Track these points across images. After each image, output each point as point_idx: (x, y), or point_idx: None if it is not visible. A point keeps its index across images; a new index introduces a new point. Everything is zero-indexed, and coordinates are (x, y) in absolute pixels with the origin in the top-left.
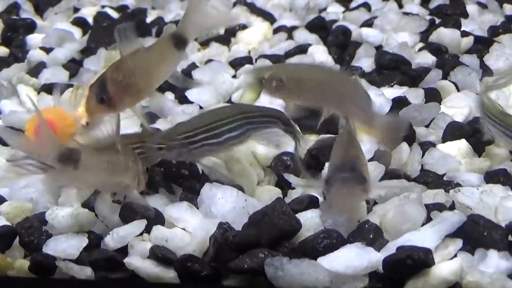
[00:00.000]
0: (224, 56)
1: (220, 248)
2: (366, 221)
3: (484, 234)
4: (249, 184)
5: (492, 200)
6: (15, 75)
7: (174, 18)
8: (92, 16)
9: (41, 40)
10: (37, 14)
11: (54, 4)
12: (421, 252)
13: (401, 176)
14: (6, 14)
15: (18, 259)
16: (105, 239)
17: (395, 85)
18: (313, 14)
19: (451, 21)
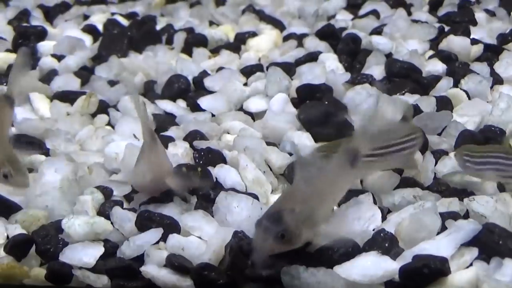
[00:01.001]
0: (235, 64)
1: (236, 256)
2: (381, 230)
3: (500, 242)
4: (264, 192)
5: (506, 209)
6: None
7: (183, 26)
8: (102, 23)
9: (52, 47)
10: (47, 21)
11: (64, 11)
12: (437, 261)
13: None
14: (17, 21)
15: (34, 268)
16: (122, 248)
17: (406, 93)
18: (322, 21)
19: (461, 28)
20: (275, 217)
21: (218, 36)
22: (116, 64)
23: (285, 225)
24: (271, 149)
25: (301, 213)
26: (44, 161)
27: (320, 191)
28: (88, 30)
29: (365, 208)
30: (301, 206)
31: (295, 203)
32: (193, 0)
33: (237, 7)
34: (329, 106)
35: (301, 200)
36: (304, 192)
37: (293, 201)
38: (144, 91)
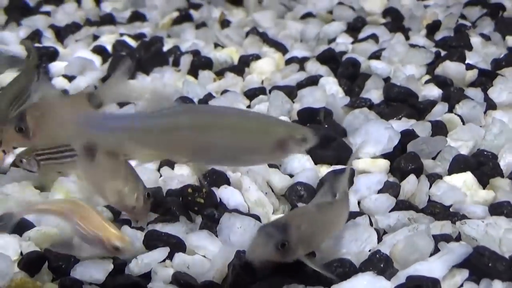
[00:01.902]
0: (239, 86)
1: (239, 275)
2: (377, 251)
3: (489, 265)
4: (265, 213)
5: (496, 232)
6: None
7: (190, 48)
8: (111, 44)
9: (63, 68)
10: (58, 41)
11: (74, 32)
12: (429, 282)
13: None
14: (29, 41)
15: (47, 283)
16: (130, 265)
17: (403, 117)
18: (323, 44)
19: (456, 53)
20: (282, 226)
21: (223, 59)
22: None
23: (289, 237)
24: (273, 171)
25: (304, 232)
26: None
27: (327, 219)
28: (98, 51)
29: (362, 229)
30: (307, 226)
31: (302, 222)
32: (199, 22)
33: (241, 30)
34: (329, 129)
35: (308, 221)
36: (313, 215)
37: (301, 219)
38: None
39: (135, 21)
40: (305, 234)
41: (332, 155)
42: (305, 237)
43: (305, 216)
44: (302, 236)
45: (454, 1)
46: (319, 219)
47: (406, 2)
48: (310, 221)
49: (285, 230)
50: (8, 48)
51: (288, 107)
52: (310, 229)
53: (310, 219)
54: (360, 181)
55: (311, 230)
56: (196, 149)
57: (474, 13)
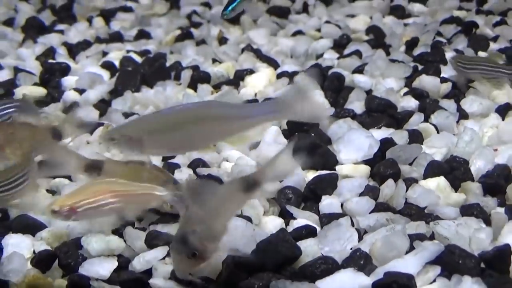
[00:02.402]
0: (234, 98)
1: (232, 271)
2: (357, 249)
3: (459, 262)
4: (256, 214)
5: (466, 232)
6: (52, 113)
7: (190, 63)
8: (119, 59)
9: (74, 82)
10: (70, 57)
11: (85, 48)
12: (405, 277)
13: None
14: (44, 57)
15: (57, 279)
16: (133, 262)
17: (382, 127)
18: (311, 59)
19: (432, 68)
20: (183, 240)
21: (220, 73)
22: (130, 98)
23: (193, 245)
24: None
25: (202, 232)
26: (67, 185)
27: (214, 211)
28: (106, 66)
29: (344, 229)
30: (200, 226)
31: (195, 225)
32: (199, 39)
33: (237, 46)
34: (315, 138)
35: (199, 221)
36: (200, 214)
37: (192, 223)
38: None
39: (141, 38)
40: (203, 233)
41: (318, 161)
42: (205, 235)
43: (195, 219)
44: (202, 236)
45: (431, 20)
46: (208, 214)
47: (387, 20)
48: (201, 220)
49: (187, 241)
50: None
51: None
52: (204, 226)
53: (200, 219)
54: (342, 184)
55: (206, 227)
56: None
57: (450, 31)
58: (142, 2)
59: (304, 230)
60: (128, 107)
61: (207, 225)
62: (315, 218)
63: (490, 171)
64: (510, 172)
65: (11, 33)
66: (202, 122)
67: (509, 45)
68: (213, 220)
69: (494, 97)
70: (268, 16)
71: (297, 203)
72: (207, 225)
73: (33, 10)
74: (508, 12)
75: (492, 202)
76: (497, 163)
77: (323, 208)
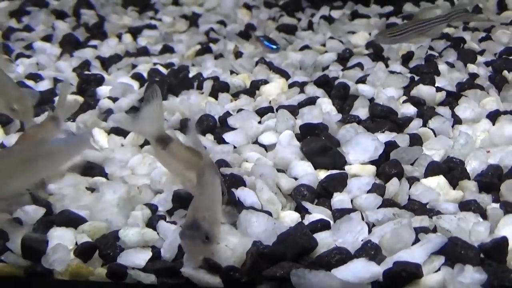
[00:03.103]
0: (251, 106)
1: (255, 260)
2: (368, 241)
3: (462, 252)
4: (275, 210)
5: (466, 225)
6: (89, 119)
7: (210, 74)
8: (147, 71)
9: (108, 91)
10: (103, 69)
11: (116, 62)
12: (413, 266)
13: (394, 204)
14: (80, 69)
15: (97, 268)
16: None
17: (386, 131)
18: (318, 71)
19: (427, 78)
20: (196, 226)
21: (238, 83)
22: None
23: (205, 229)
24: (281, 175)
25: (210, 217)
26: (104, 183)
27: (212, 197)
28: (136, 77)
29: (355, 223)
30: (207, 212)
31: (203, 211)
32: (217, 53)
33: (251, 59)
34: (325, 141)
35: (205, 208)
36: (204, 201)
37: (201, 210)
38: (180, 126)
39: (165, 52)
40: (211, 218)
41: (329, 162)
42: (212, 220)
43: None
44: (210, 221)
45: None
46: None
47: None
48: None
49: (200, 227)
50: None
51: (292, 122)
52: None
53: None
54: (352, 183)
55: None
56: None
57: (440, 46)
58: (165, 20)
59: (319, 224)
60: None
61: (213, 211)
62: (328, 213)
63: (485, 170)
64: (502, 171)
65: (49, 48)
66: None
67: (494, 58)
68: (217, 206)
69: (484, 104)
70: (277, 33)
71: (311, 199)
72: (213, 210)
73: (68, 27)
74: (492, 28)
75: (488, 198)
76: (490, 163)
77: (335, 203)
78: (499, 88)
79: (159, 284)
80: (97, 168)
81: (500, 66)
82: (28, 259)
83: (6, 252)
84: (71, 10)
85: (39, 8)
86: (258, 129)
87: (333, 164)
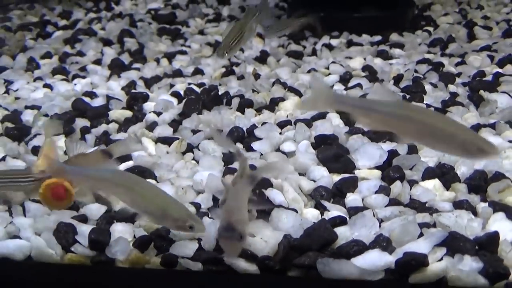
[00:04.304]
0: (273, 119)
1: (287, 251)
2: (380, 234)
3: (460, 244)
4: (300, 207)
5: (462, 221)
6: (138, 130)
7: (236, 93)
8: (183, 90)
9: (153, 106)
10: (146, 88)
11: (157, 81)
12: (421, 256)
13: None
14: (127, 87)
15: (152, 257)
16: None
17: (387, 141)
18: None
19: (417, 96)
20: (233, 227)
21: (260, 100)
22: (195, 118)
23: (240, 230)
24: (301, 178)
25: (241, 220)
26: (155, 184)
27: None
28: (175, 94)
29: (368, 219)
30: (239, 215)
31: (236, 215)
32: (239, 75)
33: (268, 80)
34: (337, 149)
35: (237, 212)
36: (236, 207)
37: (235, 214)
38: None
39: (196, 74)
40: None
41: (341, 167)
42: (243, 222)
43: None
44: (242, 223)
45: (409, 61)
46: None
47: (377, 61)
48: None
49: (235, 228)
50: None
51: (308, 134)
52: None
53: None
54: (362, 185)
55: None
56: None
57: (423, 69)
58: (193, 47)
59: (338, 220)
60: (195, 126)
61: (242, 213)
62: (344, 210)
63: (472, 174)
64: (487, 176)
65: (100, 70)
66: None
67: (470, 79)
68: (244, 209)
69: (466, 118)
70: (287, 58)
71: (328, 198)
72: (242, 213)
73: (115, 53)
74: (465, 55)
75: (477, 198)
76: (476, 169)
77: (349, 202)
78: (476, 105)
79: (205, 271)
80: (147, 172)
81: (476, 86)
82: (94, 250)
83: (75, 244)
84: (115, 38)
85: (89, 37)
86: (280, 139)
87: (344, 169)
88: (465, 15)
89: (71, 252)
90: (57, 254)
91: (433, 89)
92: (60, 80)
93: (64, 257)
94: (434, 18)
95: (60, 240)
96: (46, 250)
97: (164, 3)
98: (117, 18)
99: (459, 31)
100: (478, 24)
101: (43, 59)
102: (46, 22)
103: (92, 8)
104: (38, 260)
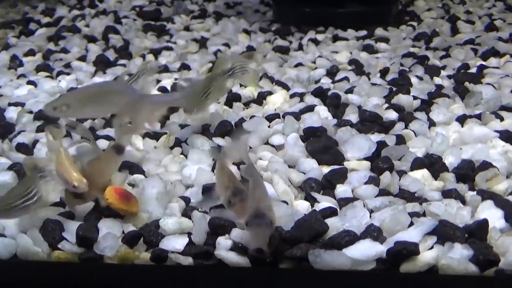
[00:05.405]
0: (261, 113)
1: (278, 243)
2: (371, 224)
3: (451, 233)
4: (290, 199)
5: (451, 210)
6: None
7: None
8: (170, 85)
9: None
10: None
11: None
12: (411, 245)
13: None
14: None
15: (142, 252)
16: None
17: (375, 132)
18: (312, 84)
19: (404, 89)
20: (263, 214)
21: (247, 95)
22: (182, 113)
23: (270, 216)
24: (291, 170)
25: (269, 206)
26: (143, 179)
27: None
28: (161, 90)
29: (358, 209)
30: (265, 203)
31: (263, 202)
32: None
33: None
34: (326, 141)
35: (263, 199)
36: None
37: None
38: (202, 130)
39: (183, 69)
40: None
41: (330, 159)
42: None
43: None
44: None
45: (394, 54)
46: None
47: (363, 55)
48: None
49: (266, 215)
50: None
51: (297, 126)
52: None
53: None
54: (351, 176)
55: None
56: None
57: (409, 62)
58: (179, 43)
59: (328, 211)
60: (182, 120)
61: (268, 200)
62: (334, 201)
63: (460, 164)
64: (474, 165)
65: (85, 66)
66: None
67: (454, 72)
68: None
69: (453, 109)
70: (274, 53)
71: (318, 190)
72: (268, 200)
73: (100, 49)
74: (449, 48)
75: (465, 187)
76: (463, 158)
77: (339, 194)
78: (462, 96)
79: (196, 265)
80: (135, 167)
81: (461, 79)
82: (82, 246)
83: (62, 241)
84: (100, 35)
85: (73, 34)
86: (269, 132)
87: (333, 161)
88: (448, 10)
89: (58, 250)
90: (44, 251)
91: (419, 82)
92: (44, 77)
93: (51, 255)
94: (417, 13)
95: (47, 238)
96: (32, 248)
97: (148, 0)
98: (101, 15)
99: (442, 25)
100: (461, 18)
101: (27, 57)
102: (29, 20)
103: (75, 5)
104: (24, 258)
